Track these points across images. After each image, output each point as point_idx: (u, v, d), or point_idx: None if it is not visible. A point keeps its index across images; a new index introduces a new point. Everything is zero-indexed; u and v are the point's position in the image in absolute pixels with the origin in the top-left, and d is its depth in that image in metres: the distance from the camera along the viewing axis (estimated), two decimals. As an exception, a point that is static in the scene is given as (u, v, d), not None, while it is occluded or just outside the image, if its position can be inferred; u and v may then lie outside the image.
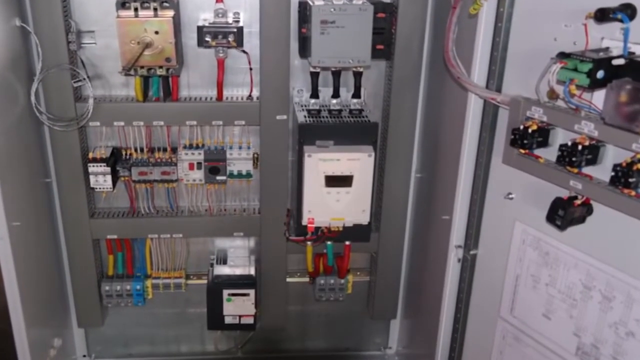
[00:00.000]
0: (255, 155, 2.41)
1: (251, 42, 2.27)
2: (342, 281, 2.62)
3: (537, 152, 1.63)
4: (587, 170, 1.52)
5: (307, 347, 2.97)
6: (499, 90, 1.80)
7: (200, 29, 2.17)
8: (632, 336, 1.56)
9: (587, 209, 1.58)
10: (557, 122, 1.56)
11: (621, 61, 1.40)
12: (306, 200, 2.28)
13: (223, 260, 2.62)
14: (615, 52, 1.43)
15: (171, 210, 2.51)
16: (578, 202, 1.56)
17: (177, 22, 2.17)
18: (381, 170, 2.45)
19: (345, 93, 2.37)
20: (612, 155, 1.49)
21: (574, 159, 1.49)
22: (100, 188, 2.36)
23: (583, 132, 1.48)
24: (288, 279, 2.64)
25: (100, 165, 2.33)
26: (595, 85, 1.42)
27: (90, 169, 2.33)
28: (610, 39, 1.46)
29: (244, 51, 2.27)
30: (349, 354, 2.98)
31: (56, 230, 2.49)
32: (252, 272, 2.59)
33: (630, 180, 1.40)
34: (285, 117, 2.30)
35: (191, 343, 2.91)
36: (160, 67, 2.16)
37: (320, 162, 2.22)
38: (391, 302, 2.74)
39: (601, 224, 1.57)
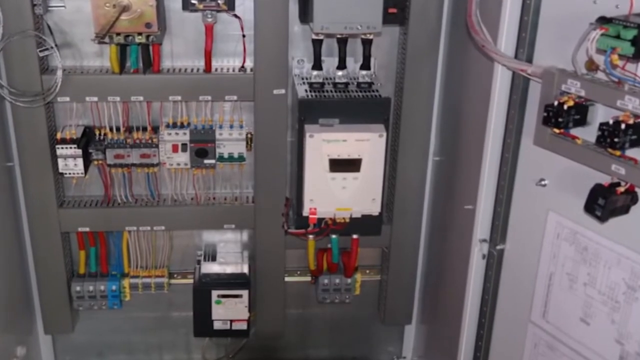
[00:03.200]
0: (249, 136, 2.42)
1: (244, 4, 2.28)
2: (349, 281, 2.64)
3: (574, 131, 1.63)
4: (631, 152, 1.52)
5: (309, 356, 2.99)
6: (529, 60, 1.80)
7: (185, -10, 2.18)
8: (682, 343, 1.58)
9: (632, 197, 1.58)
10: (596, 97, 1.57)
11: (671, 27, 1.41)
12: (307, 187, 2.30)
13: (212, 257, 2.64)
14: (664, 17, 1.44)
15: (152, 199, 2.52)
16: (621, 189, 1.57)
17: (158, -19, 2.18)
18: (394, 153, 2.46)
19: (353, 64, 2.38)
20: (661, 136, 1.50)
21: (616, 139, 1.50)
22: (70, 173, 2.38)
23: (627, 109, 1.49)
24: (287, 278, 2.66)
25: (70, 147, 2.34)
26: (641, 54, 1.43)
27: (59, 152, 2.34)
28: (659, 2, 1.47)
29: (235, 15, 2.28)
30: (356, 365, 3.01)
31: (19, 221, 2.50)
32: (246, 270, 2.61)
33: (681, 164, 1.41)
34: (283, 91, 2.31)
35: (175, 352, 2.93)
36: (140, 33, 2.17)
37: (324, 143, 2.23)
38: (405, 305, 2.76)
39: (647, 214, 1.59)
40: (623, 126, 1.48)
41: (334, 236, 2.46)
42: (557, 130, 1.65)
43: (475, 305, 2.16)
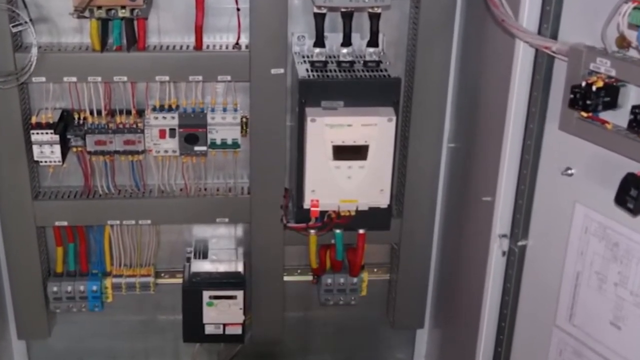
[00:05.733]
0: (244, 120, 2.43)
1: (238, -26, 2.29)
2: (355, 280, 2.65)
3: (603, 115, 1.63)
4: (666, 138, 1.53)
5: (310, 363, 3.02)
6: (554, 37, 1.81)
7: (173, -42, 2.19)
8: None
9: (667, 188, 1.59)
10: (628, 77, 1.57)
11: None
12: (309, 177, 2.30)
13: (203, 254, 2.65)
14: (703, -12, 1.45)
15: (137, 190, 2.53)
16: (656, 179, 1.58)
17: (143, -52, 2.19)
18: (404, 139, 2.47)
19: (359, 40, 2.38)
20: (699, 120, 1.50)
21: (650, 124, 1.51)
22: (46, 161, 2.38)
23: (662, 90, 1.50)
24: (286, 278, 2.67)
25: (46, 133, 2.34)
26: (678, 30, 1.43)
27: (34, 137, 2.35)
28: (698, -29, 1.47)
29: (229, -14, 2.29)
30: (363, 373, 3.03)
31: (-10, 215, 2.52)
32: (240, 268, 2.62)
33: None
34: (282, 70, 2.32)
35: (162, 359, 2.95)
36: (123, 7, 2.17)
37: (327, 128, 2.24)
38: (417, 307, 2.77)
39: (684, 207, 1.59)
40: (658, 109, 1.49)
41: (338, 231, 2.46)
42: (584, 114, 1.65)
43: (494, 308, 2.17)
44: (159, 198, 2.52)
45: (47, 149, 2.36)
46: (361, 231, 2.47)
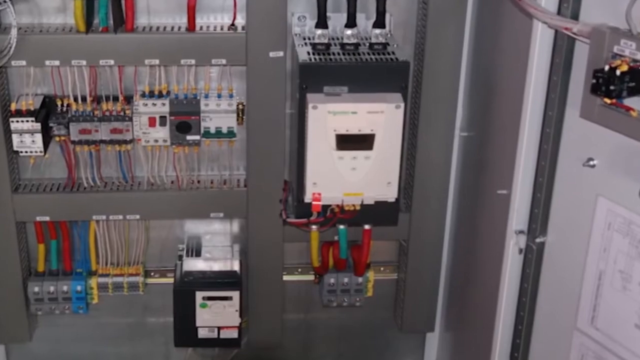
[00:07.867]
0: (240, 107, 2.44)
1: (234, -51, 2.30)
2: (360, 280, 2.65)
3: (628, 102, 1.63)
4: (696, 127, 1.54)
5: (311, 370, 3.02)
6: (575, 17, 1.81)
7: None
8: None
9: (697, 180, 1.59)
10: (655, 60, 1.58)
11: None
12: (310, 168, 2.30)
13: (196, 252, 2.66)
14: None
15: (124, 183, 2.54)
16: (684, 171, 1.58)
17: None
18: (413, 128, 2.48)
19: (364, 21, 2.38)
20: None
21: (678, 111, 1.51)
22: (26, 152, 2.39)
23: (691, 75, 1.50)
24: (285, 277, 2.68)
25: (27, 121, 2.35)
26: None
27: (13, 126, 2.35)
28: None
29: (224, -38, 2.30)
30: (368, 380, 3.04)
31: (-33, 210, 2.52)
32: (236, 267, 2.63)
33: None
34: (281, 53, 2.32)
35: (152, 365, 2.97)
36: (110, -16, 2.19)
37: (330, 115, 2.24)
38: (427, 309, 2.78)
39: None
40: (687, 96, 1.50)
41: (341, 227, 2.46)
42: (608, 101, 1.64)
43: (510, 310, 2.17)
44: (148, 191, 2.53)
45: (27, 138, 2.36)
46: (367, 227, 2.48)
